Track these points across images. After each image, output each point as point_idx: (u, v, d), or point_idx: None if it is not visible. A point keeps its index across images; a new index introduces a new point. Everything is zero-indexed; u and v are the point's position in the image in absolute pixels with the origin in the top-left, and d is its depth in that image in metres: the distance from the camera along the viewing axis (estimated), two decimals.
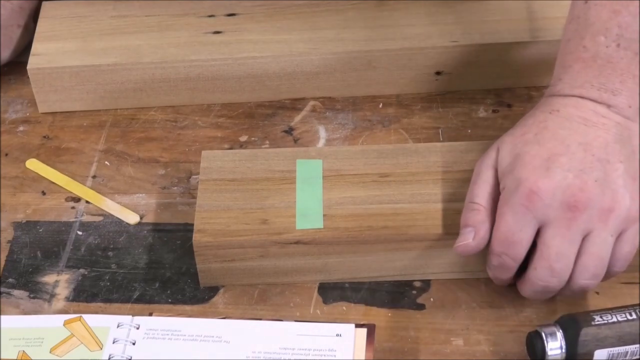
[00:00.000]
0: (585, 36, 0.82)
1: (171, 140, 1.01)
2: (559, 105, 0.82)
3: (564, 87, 0.83)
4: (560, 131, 0.81)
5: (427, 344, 0.84)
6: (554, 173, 0.79)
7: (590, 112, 0.81)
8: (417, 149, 0.92)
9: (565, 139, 0.81)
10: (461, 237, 0.83)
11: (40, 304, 0.88)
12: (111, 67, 1.01)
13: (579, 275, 0.81)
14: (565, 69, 0.83)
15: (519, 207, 0.80)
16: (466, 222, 0.83)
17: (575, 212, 0.79)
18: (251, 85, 1.03)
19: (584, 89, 0.82)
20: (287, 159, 0.91)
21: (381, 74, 1.02)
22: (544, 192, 0.79)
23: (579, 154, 0.80)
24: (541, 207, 0.79)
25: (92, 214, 0.95)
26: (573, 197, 0.79)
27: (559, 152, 0.80)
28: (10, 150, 1.01)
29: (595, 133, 0.81)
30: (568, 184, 0.79)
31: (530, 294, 0.84)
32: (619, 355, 0.80)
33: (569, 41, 0.84)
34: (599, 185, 0.79)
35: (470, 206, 0.83)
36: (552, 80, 0.85)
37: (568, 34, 0.84)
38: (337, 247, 0.86)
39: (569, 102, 0.82)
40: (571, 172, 0.79)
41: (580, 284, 0.81)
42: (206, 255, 0.87)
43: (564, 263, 0.80)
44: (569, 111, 0.82)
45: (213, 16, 1.05)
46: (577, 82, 0.82)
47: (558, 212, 0.79)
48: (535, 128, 0.82)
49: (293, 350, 0.81)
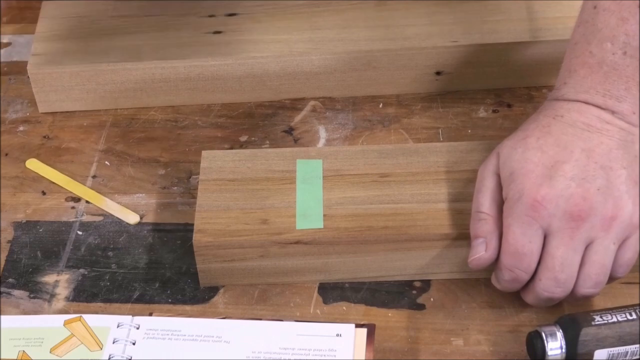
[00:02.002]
0: (592, 41, 0.82)
1: (171, 140, 1.01)
2: (562, 111, 0.82)
3: (568, 91, 0.83)
4: (564, 137, 0.81)
5: (427, 344, 0.84)
6: (557, 182, 0.79)
7: (595, 119, 0.81)
8: (417, 149, 0.92)
9: (568, 145, 0.80)
10: (474, 250, 0.83)
11: (40, 304, 0.88)
12: (111, 67, 1.01)
13: (582, 284, 0.81)
14: (571, 73, 0.83)
15: (524, 218, 0.80)
16: (476, 233, 0.83)
17: (578, 221, 0.79)
18: (251, 85, 1.03)
19: (589, 95, 0.82)
20: (287, 159, 0.91)
21: (381, 74, 1.02)
22: (548, 202, 0.79)
23: (582, 161, 0.80)
24: (546, 216, 0.79)
25: (92, 214, 0.95)
26: (576, 207, 0.79)
27: (562, 160, 0.80)
28: (10, 150, 1.01)
29: (599, 139, 0.80)
30: (571, 193, 0.79)
31: (534, 302, 0.84)
32: (619, 355, 0.80)
33: (576, 44, 0.83)
34: (601, 193, 0.79)
35: (478, 216, 0.83)
36: (557, 83, 0.85)
37: (575, 37, 0.84)
38: (337, 247, 0.86)
39: (573, 107, 0.82)
40: (574, 180, 0.79)
41: (582, 292, 0.81)
42: (206, 255, 0.87)
43: (568, 273, 0.80)
44: (572, 117, 0.82)
45: (213, 16, 1.05)
46: (582, 88, 0.82)
47: (562, 221, 0.79)
48: (538, 132, 0.82)
49: (293, 350, 0.81)
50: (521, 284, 0.83)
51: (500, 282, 0.84)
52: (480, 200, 0.84)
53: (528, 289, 0.83)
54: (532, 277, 0.82)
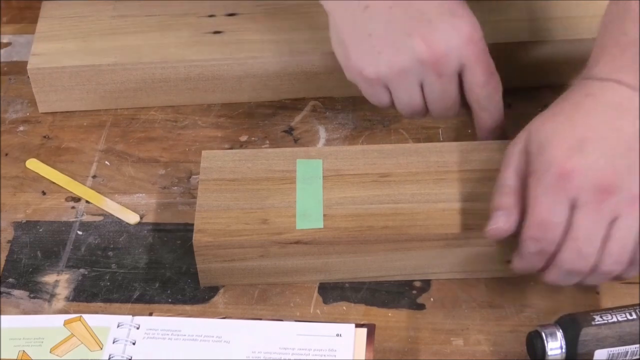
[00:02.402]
0: (625, 20, 0.81)
1: (171, 140, 1.01)
2: (594, 89, 0.82)
3: (600, 71, 0.82)
4: (594, 115, 0.80)
5: (427, 344, 0.84)
6: (587, 155, 0.79)
7: (626, 99, 0.80)
8: (417, 149, 0.92)
9: (598, 124, 0.80)
10: (492, 221, 0.82)
11: (40, 304, 0.88)
12: (111, 67, 1.01)
13: (604, 259, 0.80)
14: (604, 51, 0.83)
15: (552, 189, 0.79)
16: (497, 205, 0.82)
17: (605, 194, 0.78)
18: (251, 85, 1.03)
19: (621, 74, 0.81)
20: (287, 159, 0.91)
21: None
22: (577, 173, 0.78)
23: (611, 139, 0.79)
24: (573, 187, 0.78)
25: (92, 213, 0.95)
26: (605, 180, 0.78)
27: (591, 136, 0.79)
28: (10, 150, 1.01)
29: (629, 119, 0.80)
30: (600, 166, 0.78)
31: (555, 278, 0.82)
32: (619, 355, 0.80)
33: (610, 23, 0.83)
34: (630, 170, 0.78)
35: (501, 189, 0.83)
36: (590, 62, 0.84)
37: (609, 15, 0.84)
38: (337, 247, 0.86)
39: (605, 86, 0.81)
40: (604, 155, 0.79)
41: (604, 269, 0.80)
42: (206, 255, 0.87)
43: (592, 246, 0.79)
44: (604, 95, 0.81)
45: (213, 16, 1.05)
46: (615, 67, 0.81)
47: (589, 194, 0.78)
48: (568, 109, 0.82)
49: (293, 350, 0.81)
50: (544, 258, 0.81)
51: (524, 256, 0.82)
52: (505, 175, 0.83)
53: (549, 265, 0.82)
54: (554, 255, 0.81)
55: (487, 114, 0.91)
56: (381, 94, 0.90)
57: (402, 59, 0.87)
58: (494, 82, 0.90)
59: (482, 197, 0.87)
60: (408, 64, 0.87)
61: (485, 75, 0.89)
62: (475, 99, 0.90)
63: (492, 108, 0.91)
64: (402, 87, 0.89)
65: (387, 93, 0.90)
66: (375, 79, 0.88)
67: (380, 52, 0.87)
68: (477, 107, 0.91)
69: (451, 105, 0.91)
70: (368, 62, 0.88)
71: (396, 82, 0.88)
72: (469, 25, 0.87)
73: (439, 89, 0.88)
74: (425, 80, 0.88)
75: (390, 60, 0.87)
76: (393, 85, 0.89)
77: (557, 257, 0.81)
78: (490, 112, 0.91)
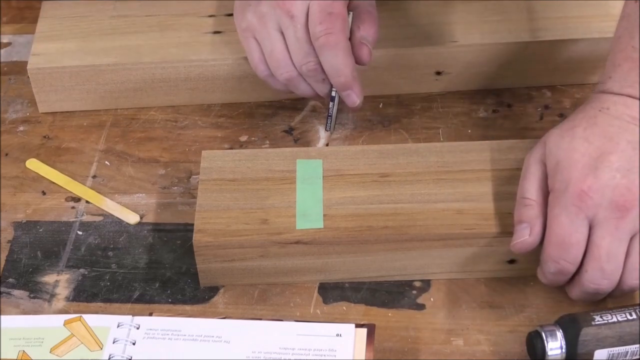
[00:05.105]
0: (635, 35, 0.82)
1: (171, 140, 1.01)
2: (608, 103, 0.82)
3: (613, 85, 0.83)
4: (610, 129, 0.81)
5: (427, 344, 0.84)
6: (603, 172, 0.80)
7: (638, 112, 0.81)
8: (417, 149, 0.92)
9: (614, 137, 0.81)
10: (517, 234, 0.83)
11: (40, 304, 0.88)
12: (111, 67, 1.01)
13: (628, 275, 0.81)
14: (615, 67, 0.83)
15: (571, 208, 0.80)
16: (520, 218, 0.83)
17: (623, 211, 0.79)
18: (251, 85, 1.03)
19: (633, 89, 0.82)
20: (287, 159, 0.91)
21: (381, 74, 1.02)
22: (594, 192, 0.79)
23: (627, 153, 0.80)
24: (592, 206, 0.79)
25: (92, 213, 0.95)
26: (622, 197, 0.79)
27: (607, 151, 0.80)
28: (10, 150, 1.01)
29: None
30: (617, 183, 0.79)
31: (580, 296, 0.84)
32: (619, 355, 0.80)
33: (620, 38, 0.84)
34: None
35: (523, 202, 0.83)
36: (603, 77, 0.85)
37: (619, 31, 0.84)
38: (337, 247, 0.86)
39: (618, 100, 0.82)
40: (619, 171, 0.80)
41: (629, 284, 0.81)
42: (206, 255, 0.87)
43: (615, 264, 0.80)
44: (618, 109, 0.82)
45: (213, 16, 1.05)
46: (627, 82, 0.82)
47: (607, 211, 0.79)
48: (584, 123, 0.82)
49: (293, 350, 0.81)
50: (567, 277, 0.83)
51: (546, 275, 0.83)
52: (525, 187, 0.84)
53: (574, 282, 0.83)
54: (577, 271, 0.82)
55: (327, 65, 0.92)
56: (252, 46, 0.96)
57: (262, 6, 0.94)
58: (329, 22, 0.91)
59: (482, 197, 0.87)
60: (266, 9, 0.93)
61: (321, 14, 0.91)
62: (314, 41, 0.92)
63: (329, 56, 0.92)
64: (264, 33, 0.94)
65: (258, 45, 0.96)
66: (246, 28, 0.96)
67: (250, 4, 0.95)
68: (319, 54, 0.93)
69: (307, 51, 0.92)
70: (242, 16, 0.96)
71: (260, 29, 0.94)
72: None
73: (292, 33, 0.92)
74: (282, 24, 0.93)
75: (254, 10, 0.95)
76: (258, 33, 0.95)
77: (581, 277, 0.82)
78: (331, 64, 0.92)
